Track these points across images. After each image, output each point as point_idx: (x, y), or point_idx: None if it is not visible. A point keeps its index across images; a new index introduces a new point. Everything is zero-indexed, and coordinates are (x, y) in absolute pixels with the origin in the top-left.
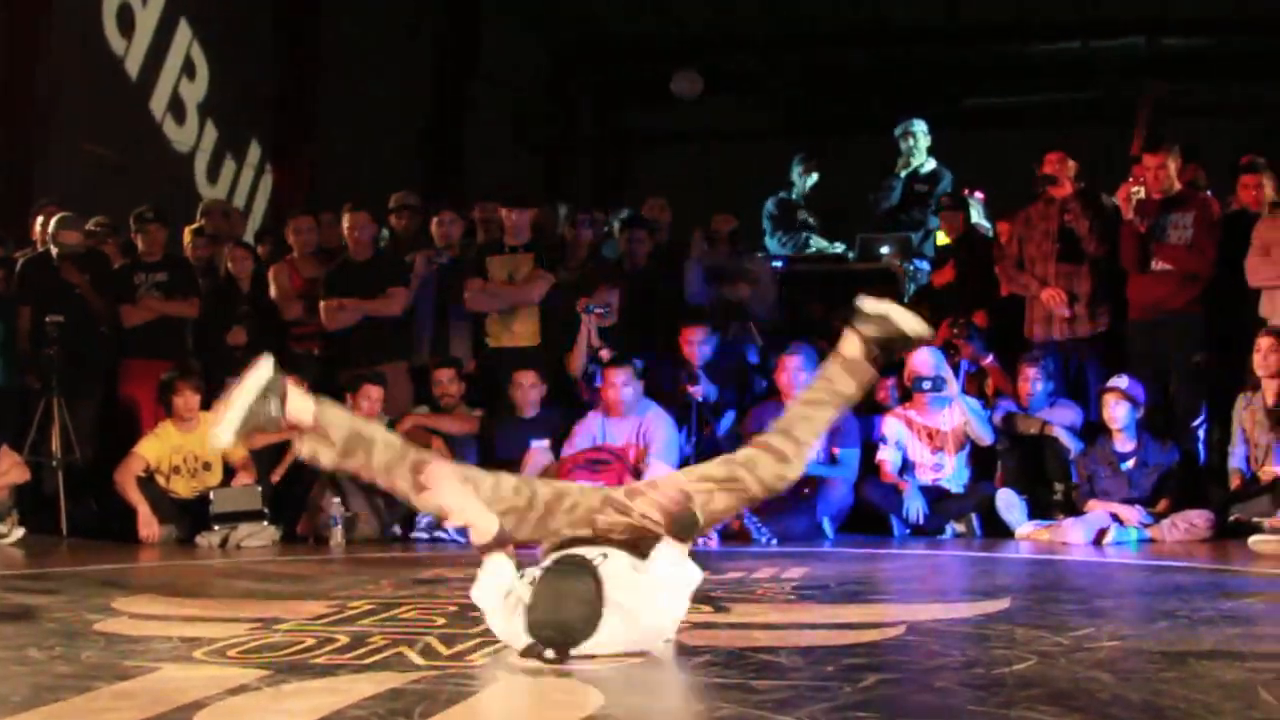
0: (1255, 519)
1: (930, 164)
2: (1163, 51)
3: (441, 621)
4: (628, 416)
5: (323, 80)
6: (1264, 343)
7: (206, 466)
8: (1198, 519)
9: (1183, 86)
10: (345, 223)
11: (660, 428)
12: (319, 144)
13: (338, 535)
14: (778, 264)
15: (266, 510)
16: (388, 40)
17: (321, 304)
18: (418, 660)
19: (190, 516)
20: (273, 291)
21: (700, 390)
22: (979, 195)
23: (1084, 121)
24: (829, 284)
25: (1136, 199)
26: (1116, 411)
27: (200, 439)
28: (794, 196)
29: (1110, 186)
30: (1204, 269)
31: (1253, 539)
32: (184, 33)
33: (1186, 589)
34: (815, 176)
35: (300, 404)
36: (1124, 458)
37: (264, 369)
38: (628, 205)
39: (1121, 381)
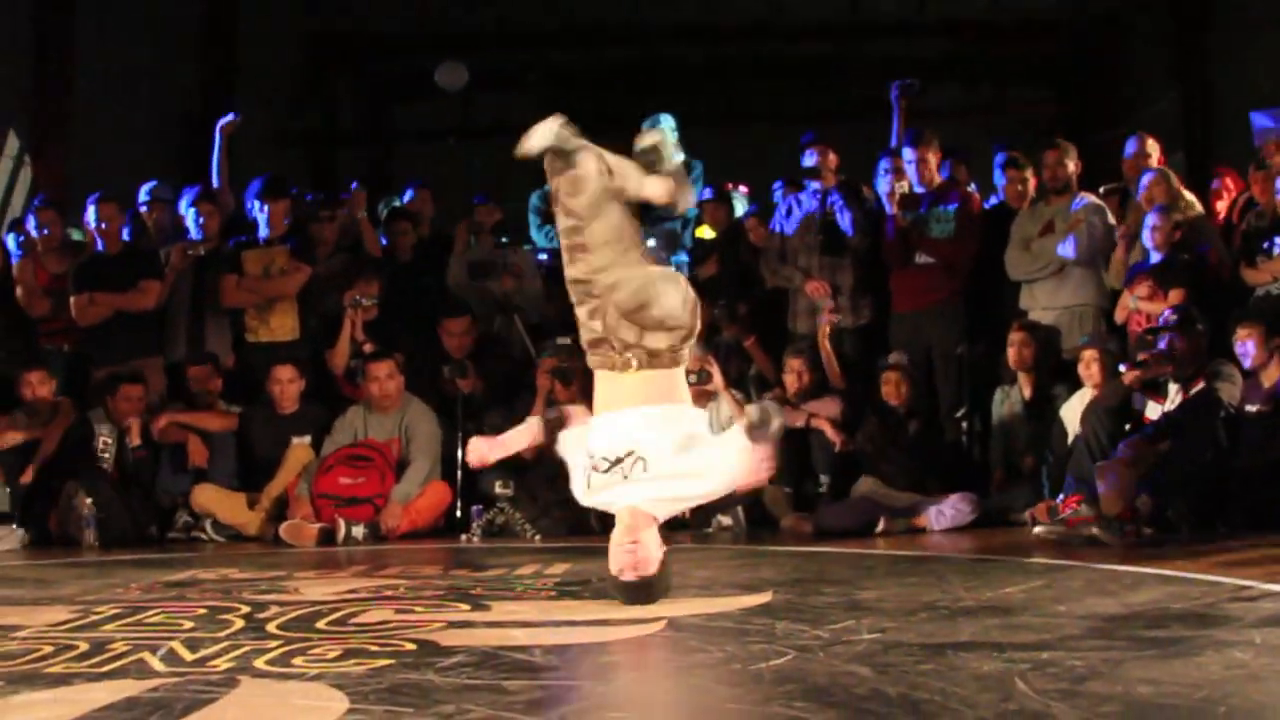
0: (1014, 508)
1: (680, 156)
2: (916, 52)
3: (188, 625)
4: (390, 411)
5: (80, 71)
6: (1016, 337)
7: None
8: (962, 504)
9: (934, 87)
10: (92, 215)
11: (422, 422)
12: (77, 136)
13: (90, 537)
14: (543, 257)
15: (15, 514)
16: (146, 31)
17: (71, 299)
18: (158, 667)
19: None
20: (18, 288)
21: (468, 384)
22: (743, 189)
23: (841, 120)
24: None
25: (900, 193)
26: (900, 387)
27: None
28: None
29: (867, 182)
30: (966, 262)
31: (1037, 529)
32: None
33: (949, 579)
34: None
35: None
36: (904, 428)
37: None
38: (391, 199)
39: (902, 358)
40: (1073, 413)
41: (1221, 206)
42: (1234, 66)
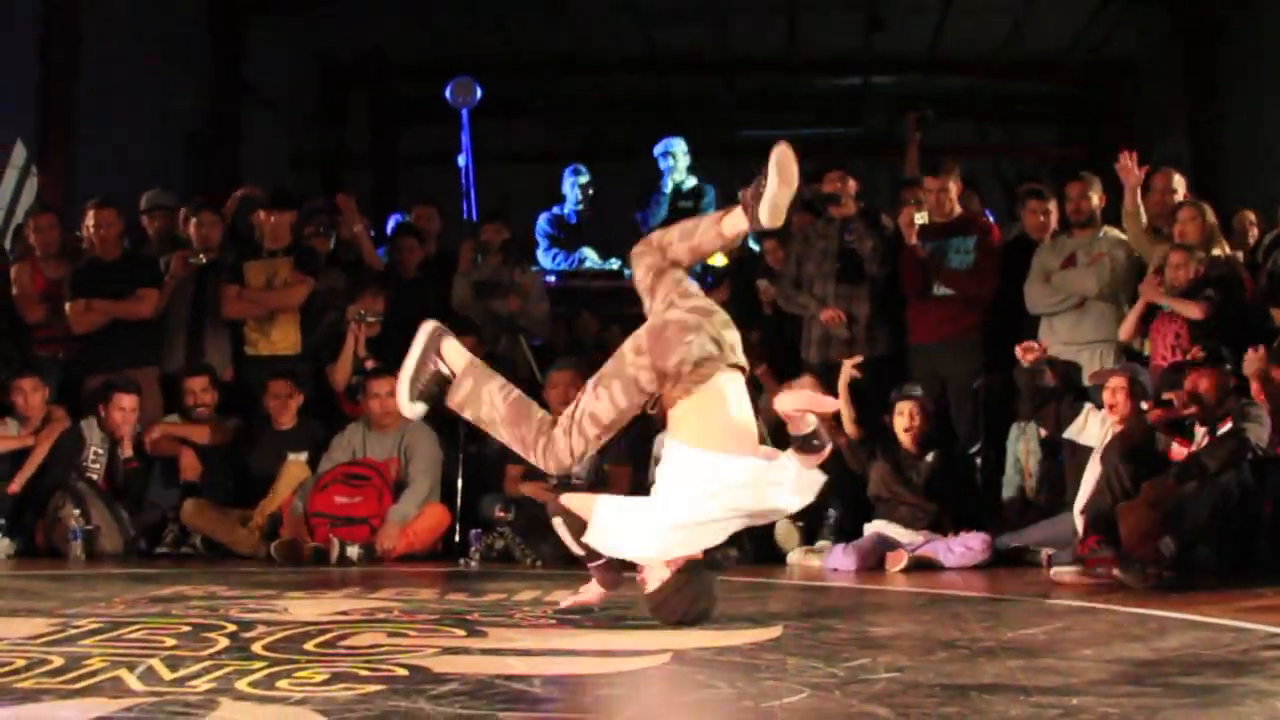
0: (1030, 547)
1: (692, 180)
2: (929, 89)
3: (170, 643)
4: (390, 430)
5: (86, 84)
6: None
7: None
8: (974, 542)
9: (946, 124)
10: (90, 220)
11: (423, 442)
12: (83, 149)
13: (77, 549)
14: (550, 279)
15: (3, 522)
16: (153, 48)
17: (67, 305)
18: (135, 685)
19: None
20: (14, 292)
21: None
22: None
23: (854, 155)
24: (602, 300)
25: (919, 224)
26: (913, 420)
27: None
28: (565, 211)
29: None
30: (985, 294)
31: (1054, 570)
32: None
33: (965, 618)
34: (590, 185)
35: (457, 353)
36: (917, 469)
37: (420, 334)
38: (405, 216)
39: (916, 390)
40: (1087, 437)
41: (1236, 249)
42: (1246, 109)
